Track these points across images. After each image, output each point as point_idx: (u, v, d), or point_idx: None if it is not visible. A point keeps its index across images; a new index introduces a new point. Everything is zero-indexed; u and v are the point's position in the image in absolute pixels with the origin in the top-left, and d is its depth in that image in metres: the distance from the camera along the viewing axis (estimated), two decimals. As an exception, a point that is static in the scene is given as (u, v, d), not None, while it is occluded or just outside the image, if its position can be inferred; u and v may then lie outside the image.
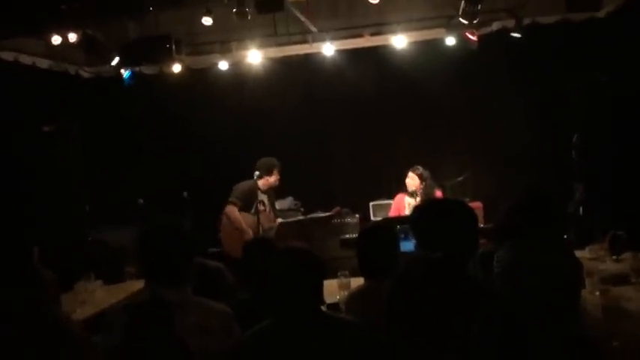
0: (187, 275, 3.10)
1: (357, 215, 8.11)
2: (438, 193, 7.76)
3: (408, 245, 4.19)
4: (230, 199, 7.58)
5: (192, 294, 3.11)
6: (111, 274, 6.45)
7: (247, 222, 7.50)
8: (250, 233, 7.39)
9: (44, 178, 7.80)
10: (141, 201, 7.98)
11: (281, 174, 7.66)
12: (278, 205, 8.09)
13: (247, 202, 7.57)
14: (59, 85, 8.65)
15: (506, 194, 7.66)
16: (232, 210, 7.52)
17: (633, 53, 7.60)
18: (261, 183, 7.59)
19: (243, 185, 7.65)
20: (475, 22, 7.77)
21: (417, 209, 3.16)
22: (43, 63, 8.52)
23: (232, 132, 9.36)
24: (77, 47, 8.05)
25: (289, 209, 8.21)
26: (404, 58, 8.89)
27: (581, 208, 7.60)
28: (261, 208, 7.48)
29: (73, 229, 7.78)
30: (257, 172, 7.52)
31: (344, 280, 4.75)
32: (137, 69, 8.81)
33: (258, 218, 7.31)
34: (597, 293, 4.18)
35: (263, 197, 7.60)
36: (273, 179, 7.62)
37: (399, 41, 8.63)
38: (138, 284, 5.51)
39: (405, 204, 7.80)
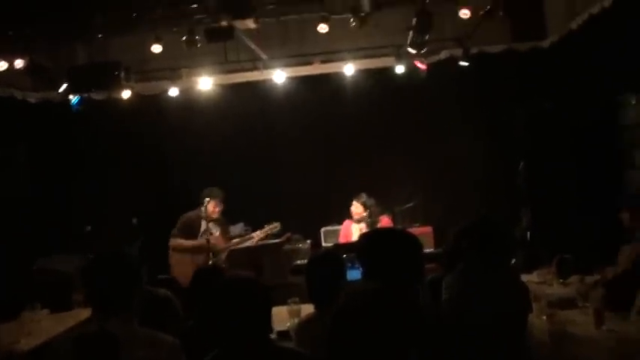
0: (134, 305, 3.02)
1: (308, 241, 8.10)
2: (385, 220, 7.77)
3: (355, 274, 4.17)
4: (172, 232, 7.68)
5: (139, 324, 3.02)
6: (58, 303, 6.29)
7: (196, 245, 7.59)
8: (201, 241, 7.52)
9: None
10: (89, 228, 7.83)
11: (226, 201, 7.70)
12: (232, 230, 8.02)
13: (189, 232, 7.65)
14: (6, 110, 8.47)
15: (456, 219, 7.71)
16: (174, 241, 7.64)
17: (575, 82, 7.76)
18: (204, 212, 7.56)
19: (186, 216, 7.74)
20: (423, 51, 7.87)
21: (361, 239, 3.15)
22: (-12, 89, 8.36)
23: (182, 158, 9.27)
24: (24, 72, 7.88)
25: (239, 235, 8.13)
26: (354, 85, 8.95)
27: (528, 233, 7.69)
28: (209, 236, 7.46)
29: (19, 257, 7.60)
30: (202, 202, 7.56)
31: (294, 307, 4.73)
32: (86, 95, 8.66)
33: (208, 243, 7.29)
34: (544, 317, 4.22)
35: (210, 225, 7.56)
36: (210, 209, 7.58)
37: (349, 69, 8.70)
38: (85, 312, 5.40)
39: (351, 230, 7.83)
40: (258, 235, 7.61)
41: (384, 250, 2.85)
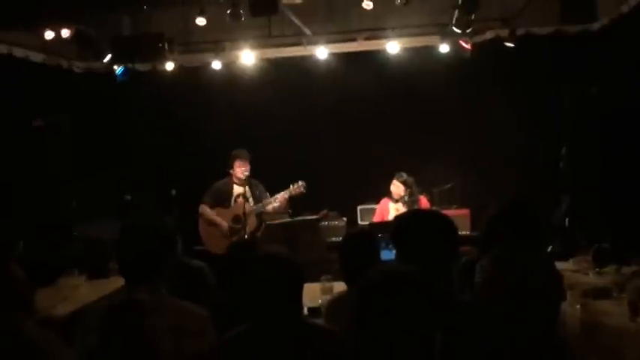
0: (164, 275, 3.06)
1: (344, 219, 8.10)
2: (423, 200, 7.71)
3: (389, 254, 4.17)
4: (202, 199, 7.74)
5: (169, 294, 3.06)
6: (95, 270, 6.40)
7: (224, 215, 7.66)
8: (224, 224, 7.61)
9: (33, 173, 7.77)
10: (128, 197, 7.93)
11: (253, 162, 7.72)
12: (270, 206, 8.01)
13: (218, 199, 7.74)
14: (51, 79, 8.60)
15: (494, 202, 7.65)
16: (202, 208, 7.73)
17: (624, 66, 7.60)
18: (233, 177, 7.67)
19: (217, 183, 7.82)
20: (468, 31, 7.76)
21: (395, 220, 3.14)
22: (37, 57, 8.47)
23: (223, 131, 9.31)
24: (70, 42, 7.99)
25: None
26: (397, 63, 8.87)
27: (567, 220, 7.59)
28: (241, 200, 7.53)
29: (60, 224, 7.73)
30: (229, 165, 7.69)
31: (326, 284, 4.73)
32: (130, 65, 8.74)
33: (245, 213, 7.34)
34: (578, 307, 4.17)
35: (241, 190, 7.61)
36: (236, 171, 7.64)
37: (393, 47, 8.63)
38: (121, 280, 5.47)
39: (389, 209, 7.76)
40: (282, 196, 7.57)
41: (418, 233, 2.82)
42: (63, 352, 2.80)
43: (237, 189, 7.67)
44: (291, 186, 7.57)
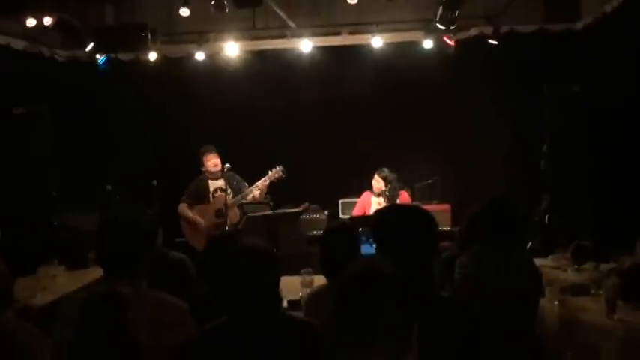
0: (143, 267, 3.05)
1: (325, 212, 8.11)
2: (404, 195, 7.76)
3: (369, 248, 4.18)
4: (180, 199, 7.79)
5: (149, 286, 3.06)
6: (75, 260, 6.38)
7: (205, 212, 7.67)
8: (202, 222, 7.62)
9: (13, 161, 7.71)
10: (109, 187, 7.88)
11: (235, 155, 7.67)
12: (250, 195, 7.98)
13: (196, 197, 7.77)
14: (33, 67, 8.52)
15: (475, 198, 7.69)
16: (180, 208, 7.76)
17: (606, 65, 7.66)
18: (206, 173, 7.70)
19: (192, 182, 7.85)
20: (452, 27, 7.78)
21: (376, 215, 3.15)
22: (19, 44, 8.39)
23: (206, 123, 9.28)
24: (53, 30, 7.92)
25: (258, 203, 8.14)
26: (381, 58, 8.90)
27: (546, 217, 7.64)
28: (220, 194, 7.56)
29: (40, 213, 7.68)
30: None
31: (307, 277, 4.72)
32: (113, 55, 8.69)
33: (225, 205, 7.34)
34: (556, 303, 4.20)
35: (218, 184, 7.63)
36: (208, 166, 7.66)
37: (377, 42, 8.65)
38: (100, 271, 5.45)
39: (370, 203, 7.82)
40: (262, 183, 7.52)
41: (398, 228, 2.83)
42: (41, 342, 2.79)
43: (213, 183, 7.69)
44: (269, 172, 7.54)
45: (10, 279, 2.84)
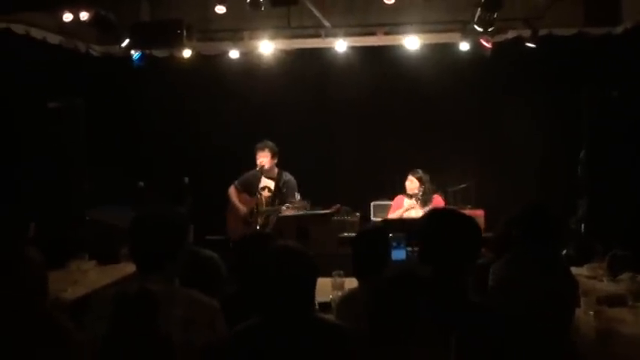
0: (176, 265, 3.06)
1: (357, 214, 8.06)
2: (438, 199, 7.72)
3: (399, 254, 4.16)
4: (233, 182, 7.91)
5: (180, 284, 3.07)
6: (105, 255, 6.44)
7: (246, 203, 7.78)
8: (243, 210, 7.73)
9: (46, 154, 7.79)
10: (141, 183, 7.93)
11: (277, 155, 7.79)
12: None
13: (247, 187, 7.86)
14: (68, 61, 8.61)
15: (509, 204, 7.63)
16: (230, 190, 7.89)
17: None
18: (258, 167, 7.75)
19: (249, 172, 7.91)
20: (490, 29, 7.71)
21: (423, 218, 3.12)
22: (54, 39, 8.49)
23: (239, 120, 9.32)
24: (89, 25, 7.99)
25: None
26: (416, 59, 8.83)
27: (583, 225, 7.54)
28: (266, 193, 7.69)
29: (72, 207, 7.75)
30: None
31: (338, 279, 4.73)
32: (148, 51, 8.75)
33: (257, 208, 7.40)
34: (591, 313, 4.14)
35: (268, 183, 7.70)
36: (258, 161, 7.71)
37: (412, 42, 8.58)
38: (131, 267, 5.49)
39: (403, 206, 7.78)
40: (286, 209, 7.37)
41: (445, 233, 2.81)
42: (76, 335, 2.81)
43: (265, 181, 7.77)
44: (294, 201, 7.47)
45: (45, 270, 2.86)
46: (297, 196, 7.66)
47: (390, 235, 4.08)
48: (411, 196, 7.74)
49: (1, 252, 2.79)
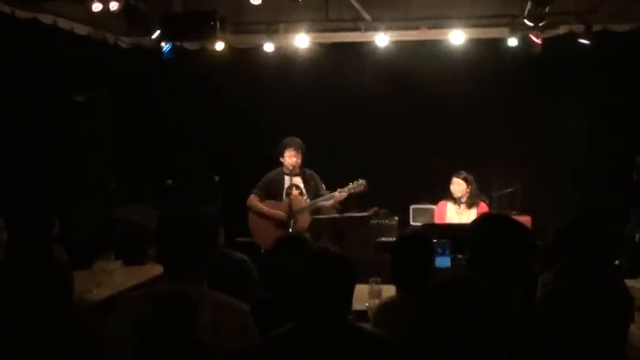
0: (205, 268, 3.07)
1: (395, 218, 8.04)
2: (483, 207, 7.61)
3: (443, 261, 4.14)
4: (252, 190, 7.76)
5: (210, 288, 3.07)
6: (132, 255, 6.50)
7: (276, 208, 7.67)
8: (280, 214, 7.59)
9: (71, 150, 7.85)
10: (169, 182, 7.99)
11: (305, 154, 7.73)
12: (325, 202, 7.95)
13: (269, 190, 7.76)
14: (96, 53, 8.69)
15: (558, 210, 7.56)
16: (251, 200, 7.73)
17: None
18: (284, 167, 7.68)
19: (268, 174, 7.83)
20: (541, 24, 7.64)
21: (474, 223, 3.09)
22: (82, 29, 8.56)
23: (272, 117, 9.34)
24: (118, 16, 8.06)
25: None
26: (460, 55, 8.77)
27: (637, 235, 7.42)
28: (295, 192, 7.60)
29: (98, 205, 7.81)
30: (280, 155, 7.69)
31: (375, 287, 4.72)
32: (178, 43, 8.80)
33: (292, 207, 7.38)
34: (647, 329, 4.08)
35: (294, 181, 7.64)
36: (286, 160, 7.65)
37: (457, 37, 8.54)
38: (157, 268, 5.53)
39: (446, 212, 7.71)
40: (340, 195, 7.54)
41: (498, 240, 2.78)
42: (105, 335, 2.84)
43: (290, 180, 7.67)
44: (350, 184, 7.52)
45: (71, 269, 2.89)
46: (324, 188, 7.73)
47: (435, 241, 4.06)
48: (455, 201, 7.67)
49: (28, 251, 2.81)
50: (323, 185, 7.73)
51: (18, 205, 6.80)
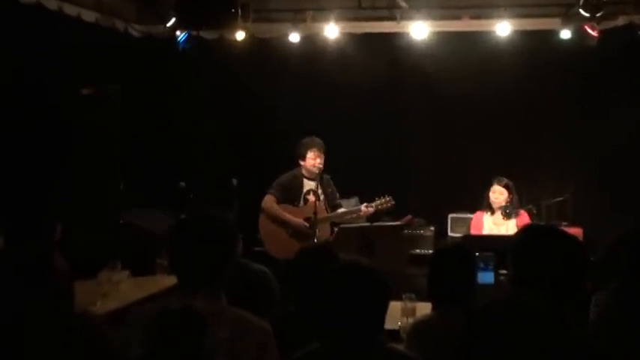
0: (223, 280, 3.06)
1: (431, 228, 8.03)
2: (524, 216, 7.51)
3: (487, 277, 4.11)
4: (268, 191, 7.69)
5: (228, 302, 3.07)
6: (141, 265, 6.52)
7: (292, 213, 7.63)
8: (299, 222, 7.56)
9: (77, 148, 7.90)
10: (183, 184, 8.02)
11: (326, 155, 7.64)
12: (344, 204, 7.98)
13: (287, 193, 7.69)
14: (105, 42, 8.72)
15: (613, 222, 7.48)
16: (267, 201, 7.65)
17: None
18: (303, 169, 7.64)
19: (285, 175, 7.77)
20: (598, 15, 7.59)
21: (517, 235, 3.07)
22: (90, 16, 8.59)
23: (297, 114, 9.33)
24: (129, 1, 8.10)
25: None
26: (507, 49, 8.72)
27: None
28: (311, 197, 7.55)
29: (105, 208, 7.86)
30: (300, 156, 7.65)
31: (409, 304, 4.70)
32: (195, 32, 8.84)
33: (315, 213, 7.33)
34: None
35: (312, 185, 7.62)
36: (309, 163, 7.59)
37: (504, 29, 8.49)
38: (169, 280, 5.56)
39: (483, 223, 7.59)
40: (365, 210, 7.48)
41: (547, 253, 2.76)
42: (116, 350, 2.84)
43: (308, 184, 7.65)
44: (376, 199, 7.47)
45: (72, 278, 2.89)
46: (338, 197, 7.71)
47: (477, 254, 4.04)
48: (492, 211, 7.57)
49: (25, 258, 2.80)
50: (337, 195, 7.71)
51: (17, 207, 6.85)
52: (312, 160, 7.58)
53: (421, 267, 4.00)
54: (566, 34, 8.29)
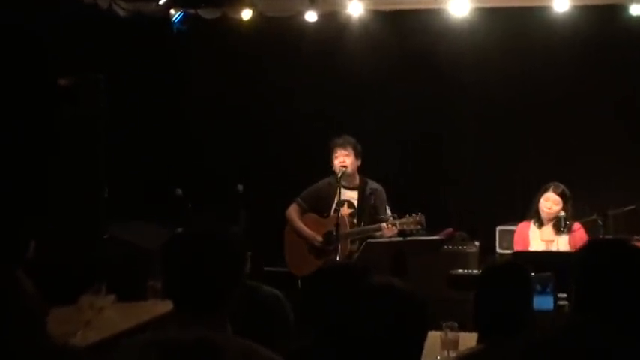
0: (229, 305, 3.05)
1: (476, 243, 7.99)
2: (579, 231, 7.44)
3: (544, 301, 4.07)
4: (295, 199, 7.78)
5: (233, 332, 3.06)
6: (129, 287, 6.51)
7: (318, 226, 7.66)
8: (313, 236, 7.61)
9: (54, 149, 7.91)
10: (179, 191, 8.03)
11: (360, 156, 7.66)
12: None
13: (315, 201, 7.76)
14: (85, 23, 8.73)
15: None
16: (289, 211, 7.76)
17: None
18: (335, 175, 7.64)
19: (321, 181, 7.82)
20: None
21: (580, 252, 3.04)
22: (69, -8, 8.65)
23: (314, 106, 9.34)
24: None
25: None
26: (566, 27, 8.68)
27: None
28: (346, 210, 7.59)
29: (86, 221, 7.87)
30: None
31: (450, 334, 4.68)
32: (192, 11, 8.85)
33: (338, 222, 7.30)
34: None
35: (349, 195, 7.65)
36: (335, 164, 7.61)
37: (561, 3, 8.45)
38: (163, 306, 5.56)
39: (528, 236, 7.53)
40: (388, 229, 7.37)
41: (616, 273, 2.73)
42: None
43: (345, 193, 7.63)
44: (407, 216, 7.41)
45: (44, 307, 2.87)
46: (389, 212, 7.62)
47: (532, 274, 4.00)
48: (541, 223, 7.50)
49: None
50: (388, 208, 7.66)
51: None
52: (335, 161, 7.61)
53: (464, 290, 3.96)
54: (636, 9, 8.24)
